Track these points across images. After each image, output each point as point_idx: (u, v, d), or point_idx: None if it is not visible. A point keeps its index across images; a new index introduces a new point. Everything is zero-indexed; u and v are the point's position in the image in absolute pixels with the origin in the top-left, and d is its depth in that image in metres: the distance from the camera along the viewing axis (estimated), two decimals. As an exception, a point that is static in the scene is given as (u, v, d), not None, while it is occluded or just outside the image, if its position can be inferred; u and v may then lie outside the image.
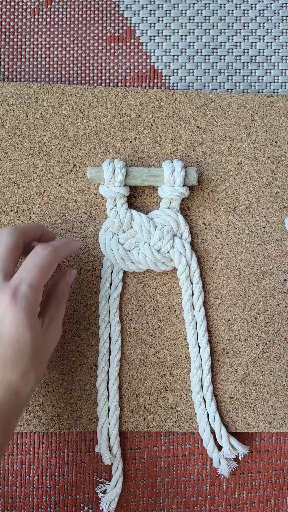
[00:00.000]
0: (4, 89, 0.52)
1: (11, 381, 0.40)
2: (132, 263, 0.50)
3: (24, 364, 0.40)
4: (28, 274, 0.41)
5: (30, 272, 0.41)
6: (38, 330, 0.41)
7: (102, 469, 0.51)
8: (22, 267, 0.42)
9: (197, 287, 0.51)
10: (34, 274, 0.41)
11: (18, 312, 0.40)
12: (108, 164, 0.49)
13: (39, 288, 0.41)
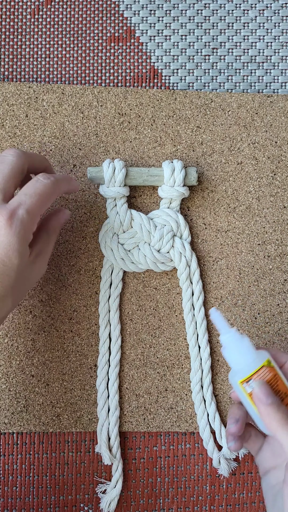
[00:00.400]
0: (4, 89, 0.52)
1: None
2: (132, 263, 0.50)
3: (4, 287, 0.40)
4: (27, 200, 0.41)
5: (30, 198, 0.41)
6: (26, 258, 0.41)
7: (102, 469, 0.51)
8: (22, 192, 0.41)
9: (197, 287, 0.51)
10: (33, 200, 0.41)
11: (12, 236, 0.39)
12: (108, 164, 0.49)
13: (35, 216, 0.41)
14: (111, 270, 0.51)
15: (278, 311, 0.52)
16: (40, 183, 0.42)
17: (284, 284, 0.52)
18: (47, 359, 0.51)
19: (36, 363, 0.51)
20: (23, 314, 0.51)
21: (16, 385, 0.51)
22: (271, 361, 0.41)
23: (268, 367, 0.40)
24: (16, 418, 0.51)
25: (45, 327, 0.51)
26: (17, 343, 0.51)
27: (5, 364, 0.51)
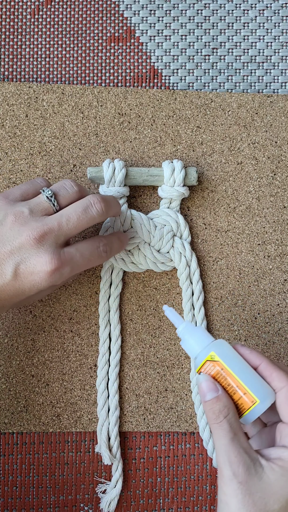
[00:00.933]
0: (4, 89, 0.52)
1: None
2: (132, 263, 0.50)
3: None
4: (78, 260, 0.42)
5: (81, 259, 0.43)
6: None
7: (102, 469, 0.51)
8: (80, 248, 0.43)
9: (197, 287, 0.51)
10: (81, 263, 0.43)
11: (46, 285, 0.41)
12: (108, 164, 0.49)
13: (75, 273, 0.43)
14: (111, 270, 0.51)
15: (278, 311, 0.52)
16: (98, 253, 0.44)
17: (284, 284, 0.52)
18: (47, 359, 0.51)
19: (36, 363, 0.51)
20: (23, 314, 0.51)
21: (16, 385, 0.51)
22: (215, 356, 0.40)
23: (212, 361, 0.40)
24: (16, 418, 0.51)
25: (45, 327, 0.51)
26: (17, 343, 0.51)
27: (5, 364, 0.51)
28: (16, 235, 0.41)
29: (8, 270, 0.41)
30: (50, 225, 0.41)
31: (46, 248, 0.41)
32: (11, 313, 0.51)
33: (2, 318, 0.51)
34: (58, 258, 0.41)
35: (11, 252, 0.41)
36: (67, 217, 0.42)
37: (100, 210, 0.43)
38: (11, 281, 0.41)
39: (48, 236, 0.41)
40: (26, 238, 0.40)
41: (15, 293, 0.41)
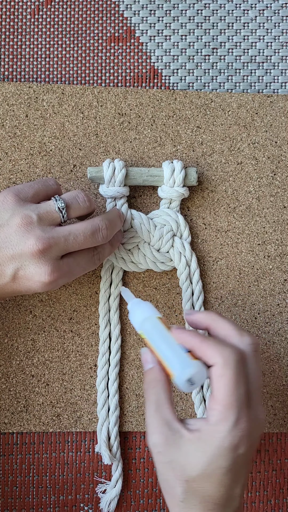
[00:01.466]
0: (4, 89, 0.52)
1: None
2: (132, 263, 0.50)
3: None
4: (75, 270, 0.44)
5: (77, 269, 0.44)
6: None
7: (102, 469, 0.51)
8: (77, 260, 0.44)
9: (197, 287, 0.51)
10: (77, 272, 0.44)
11: (41, 289, 0.42)
12: (108, 164, 0.49)
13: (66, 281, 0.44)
14: (111, 270, 0.51)
15: (278, 311, 0.52)
16: (92, 261, 0.45)
17: (284, 284, 0.52)
18: (47, 359, 0.51)
19: (36, 363, 0.51)
20: (23, 314, 0.51)
21: (16, 385, 0.51)
22: (143, 333, 0.42)
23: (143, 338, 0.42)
24: (16, 418, 0.51)
25: (45, 327, 0.51)
26: (17, 343, 0.51)
27: (5, 364, 0.51)
28: (19, 240, 0.41)
29: (8, 272, 0.41)
30: (56, 239, 0.42)
31: (46, 260, 0.41)
32: (11, 313, 0.51)
33: (2, 318, 0.51)
34: (57, 270, 0.42)
35: (12, 256, 0.41)
36: (74, 236, 0.43)
37: (105, 237, 0.44)
38: (10, 283, 0.42)
39: (51, 249, 0.41)
40: (29, 247, 0.41)
41: (12, 292, 0.43)
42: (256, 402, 0.38)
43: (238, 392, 0.37)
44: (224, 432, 0.37)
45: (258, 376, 0.39)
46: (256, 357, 0.39)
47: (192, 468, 0.37)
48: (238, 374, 0.37)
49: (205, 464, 0.37)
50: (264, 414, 0.40)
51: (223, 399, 0.37)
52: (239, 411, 0.37)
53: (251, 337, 0.40)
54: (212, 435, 0.37)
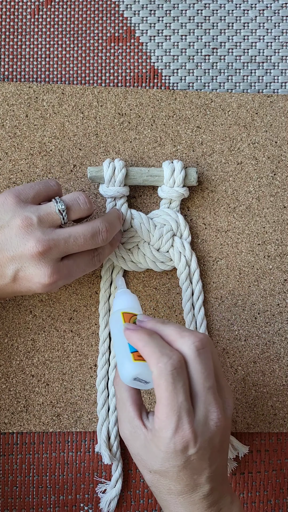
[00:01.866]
0: (4, 89, 0.52)
1: None
2: (132, 262, 0.50)
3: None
4: (74, 271, 0.44)
5: (76, 270, 0.44)
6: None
7: (102, 469, 0.51)
8: (77, 261, 0.44)
9: (197, 287, 0.51)
10: (76, 274, 0.44)
11: (40, 290, 0.42)
12: (108, 163, 0.49)
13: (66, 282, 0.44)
14: (111, 269, 0.51)
15: (278, 311, 0.52)
16: (92, 263, 0.45)
17: (284, 284, 0.52)
18: (47, 359, 0.51)
19: (36, 363, 0.51)
20: (23, 314, 0.51)
21: (16, 385, 0.51)
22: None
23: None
24: (16, 418, 0.51)
25: (45, 327, 0.51)
26: (17, 343, 0.51)
27: (5, 364, 0.51)
28: (20, 242, 0.41)
29: (8, 273, 0.42)
30: (56, 242, 0.42)
31: (46, 261, 0.41)
32: (11, 313, 0.51)
33: (2, 318, 0.51)
34: (57, 272, 0.42)
35: (12, 257, 0.41)
36: (74, 238, 0.43)
37: (105, 239, 0.44)
38: (10, 283, 0.42)
39: (51, 251, 0.41)
40: (29, 249, 0.41)
41: (13, 293, 0.44)
42: (207, 401, 0.39)
43: (176, 401, 0.38)
44: (166, 439, 0.38)
45: (207, 373, 0.39)
46: (201, 355, 0.39)
47: (152, 463, 0.39)
48: (174, 384, 0.38)
49: (160, 461, 0.39)
50: (228, 404, 0.41)
51: (161, 409, 0.38)
52: (177, 420, 0.38)
53: (192, 337, 0.39)
54: (158, 439, 0.38)
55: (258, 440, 0.52)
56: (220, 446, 0.40)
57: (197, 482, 0.39)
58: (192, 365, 0.39)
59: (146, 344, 0.39)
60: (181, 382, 0.38)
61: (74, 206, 0.44)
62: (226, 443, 0.41)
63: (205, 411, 0.39)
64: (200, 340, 0.39)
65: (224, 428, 0.39)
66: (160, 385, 0.38)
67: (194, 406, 0.39)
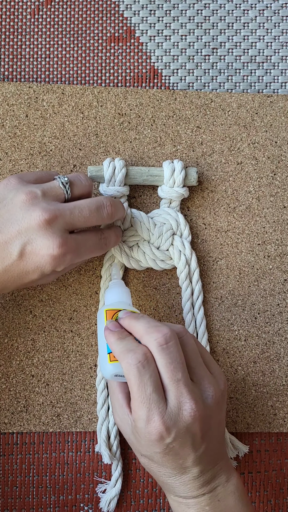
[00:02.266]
0: (4, 89, 0.52)
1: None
2: (134, 259, 0.50)
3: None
4: (82, 249, 0.43)
5: (84, 250, 0.43)
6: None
7: (102, 469, 0.51)
8: (85, 238, 0.44)
9: (196, 286, 0.51)
10: (84, 252, 0.44)
11: (50, 270, 0.42)
12: (109, 163, 0.49)
13: (75, 262, 0.44)
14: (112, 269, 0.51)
15: (278, 311, 0.52)
16: (99, 244, 0.45)
17: (284, 284, 0.52)
18: (47, 359, 0.51)
19: (36, 363, 0.51)
20: (23, 314, 0.51)
21: (16, 385, 0.51)
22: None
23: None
24: (16, 418, 0.51)
25: (45, 327, 0.51)
26: (17, 343, 0.51)
27: (5, 364, 0.51)
28: (25, 215, 0.41)
29: (14, 250, 0.41)
30: (62, 211, 0.41)
31: (54, 231, 0.41)
32: (11, 313, 0.51)
33: (2, 318, 0.51)
34: (65, 243, 0.41)
35: (18, 232, 0.41)
36: (79, 209, 0.43)
37: (110, 213, 0.44)
38: (16, 262, 0.41)
39: (58, 220, 0.41)
40: (36, 218, 0.40)
41: (19, 274, 0.42)
42: (178, 393, 0.40)
43: (144, 393, 0.39)
44: (141, 429, 0.40)
45: (173, 367, 0.40)
46: (165, 350, 0.40)
47: (139, 448, 0.41)
48: (140, 377, 0.39)
49: (144, 448, 0.41)
50: (206, 390, 0.41)
51: (133, 402, 0.40)
52: (147, 411, 0.39)
53: (155, 334, 0.40)
54: (136, 429, 0.40)
55: (258, 440, 0.52)
56: (204, 432, 0.40)
57: (183, 466, 0.40)
58: (158, 360, 0.40)
59: (117, 345, 0.41)
60: (147, 374, 0.39)
61: (76, 181, 0.44)
62: (216, 427, 0.42)
63: (177, 402, 0.40)
64: (163, 336, 0.40)
65: (204, 417, 0.40)
66: (130, 380, 0.40)
67: (166, 399, 0.40)
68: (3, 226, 0.41)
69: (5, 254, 0.41)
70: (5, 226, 0.41)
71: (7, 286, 0.43)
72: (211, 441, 0.41)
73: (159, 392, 0.39)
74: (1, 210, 0.42)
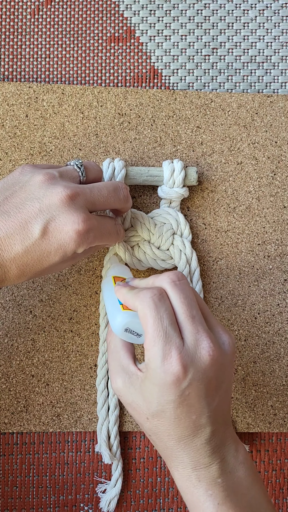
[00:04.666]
0: (4, 89, 0.52)
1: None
2: (136, 259, 0.50)
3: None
4: (102, 232, 0.43)
5: (103, 234, 0.43)
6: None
7: (102, 469, 0.51)
8: (107, 222, 0.44)
9: (197, 286, 0.51)
10: (103, 235, 0.43)
11: (72, 251, 0.41)
12: (108, 163, 0.49)
13: (95, 244, 0.43)
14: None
15: (278, 311, 0.52)
16: (115, 229, 0.45)
17: (284, 284, 0.52)
18: (47, 359, 0.51)
19: (36, 363, 0.51)
20: (23, 314, 0.51)
21: (16, 385, 0.51)
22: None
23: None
24: (16, 418, 0.51)
25: (45, 327, 0.51)
26: (17, 343, 0.51)
27: (5, 364, 0.51)
28: (45, 192, 0.40)
29: (36, 228, 0.39)
30: (82, 189, 0.41)
31: (77, 207, 0.40)
32: (11, 313, 0.51)
33: (2, 318, 0.51)
34: (88, 219, 0.40)
35: (40, 209, 0.40)
36: (98, 189, 0.43)
37: (126, 195, 0.45)
38: (38, 241, 0.39)
39: (80, 197, 0.41)
40: (58, 195, 0.40)
41: (40, 256, 0.40)
42: (193, 329, 0.38)
43: (161, 326, 0.38)
44: (157, 369, 0.37)
45: (188, 302, 0.39)
46: (178, 286, 0.39)
47: (148, 406, 0.39)
48: (156, 309, 0.38)
49: (156, 400, 0.38)
50: (225, 339, 0.40)
51: (148, 338, 0.38)
52: (164, 345, 0.37)
53: (167, 273, 0.40)
54: (150, 373, 0.38)
55: (258, 440, 0.52)
56: (217, 383, 0.39)
57: (196, 424, 0.38)
58: (172, 296, 0.39)
59: (130, 291, 0.41)
60: (163, 307, 0.38)
61: (89, 166, 0.45)
62: (227, 382, 0.40)
63: (194, 339, 0.38)
64: (175, 274, 0.40)
65: (220, 363, 0.39)
66: (145, 314, 0.38)
67: (182, 336, 0.38)
68: (22, 205, 0.40)
69: (26, 233, 0.39)
70: (24, 205, 0.40)
71: (25, 272, 0.40)
72: (224, 397, 0.40)
73: (175, 327, 0.38)
74: (19, 191, 0.41)
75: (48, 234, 0.39)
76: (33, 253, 0.39)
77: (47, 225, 0.39)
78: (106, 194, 0.43)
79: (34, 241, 0.39)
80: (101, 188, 0.43)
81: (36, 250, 0.39)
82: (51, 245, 0.40)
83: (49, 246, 0.40)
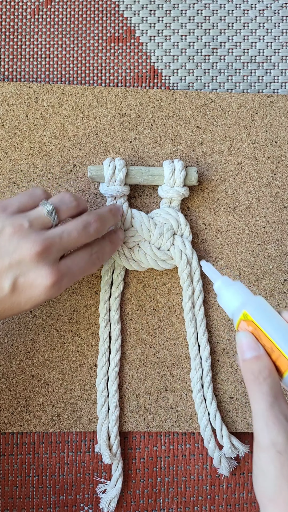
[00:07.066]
0: (4, 89, 0.52)
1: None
2: (134, 261, 0.50)
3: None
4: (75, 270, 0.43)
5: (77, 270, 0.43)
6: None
7: (102, 469, 0.51)
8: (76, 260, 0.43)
9: (197, 286, 0.51)
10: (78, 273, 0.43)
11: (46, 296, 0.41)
12: (109, 163, 0.49)
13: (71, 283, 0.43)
14: (112, 270, 0.51)
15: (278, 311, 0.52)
16: (91, 261, 0.45)
17: (284, 284, 0.52)
18: (47, 359, 0.51)
19: (36, 363, 0.51)
20: (23, 314, 0.51)
21: (16, 385, 0.51)
22: (247, 315, 0.38)
23: (246, 320, 0.38)
24: (16, 418, 0.50)
25: (45, 327, 0.51)
26: (17, 343, 0.51)
27: (5, 364, 0.51)
28: (15, 247, 0.40)
29: (6, 284, 0.40)
30: (52, 239, 0.41)
31: (46, 262, 0.41)
32: (11, 313, 0.51)
33: (2, 318, 0.51)
34: (57, 272, 0.41)
35: (10, 265, 0.40)
36: (67, 232, 0.42)
37: (97, 229, 0.44)
38: (8, 295, 0.40)
39: (49, 250, 0.41)
40: (27, 251, 0.40)
41: (11, 306, 0.41)
42: None
43: None
44: None
45: None
46: None
47: None
48: None
49: None
50: None
51: None
52: None
53: None
54: None
55: (258, 440, 0.52)
56: None
57: None
58: None
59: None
60: None
61: (62, 206, 0.44)
62: None
63: None
64: None
65: None
66: None
67: None
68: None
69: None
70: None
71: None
72: None
73: None
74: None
75: (18, 289, 0.40)
76: (3, 305, 0.41)
77: (17, 280, 0.40)
78: (76, 236, 0.43)
79: (4, 296, 0.40)
80: (71, 231, 0.42)
81: (7, 302, 0.41)
82: (21, 298, 0.41)
83: (19, 299, 0.41)
